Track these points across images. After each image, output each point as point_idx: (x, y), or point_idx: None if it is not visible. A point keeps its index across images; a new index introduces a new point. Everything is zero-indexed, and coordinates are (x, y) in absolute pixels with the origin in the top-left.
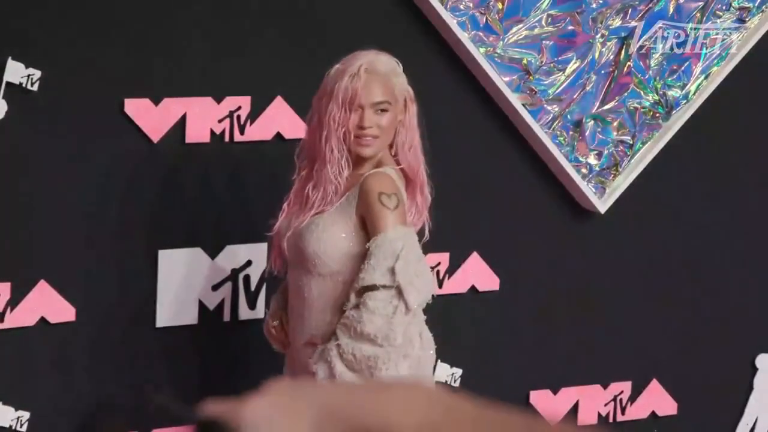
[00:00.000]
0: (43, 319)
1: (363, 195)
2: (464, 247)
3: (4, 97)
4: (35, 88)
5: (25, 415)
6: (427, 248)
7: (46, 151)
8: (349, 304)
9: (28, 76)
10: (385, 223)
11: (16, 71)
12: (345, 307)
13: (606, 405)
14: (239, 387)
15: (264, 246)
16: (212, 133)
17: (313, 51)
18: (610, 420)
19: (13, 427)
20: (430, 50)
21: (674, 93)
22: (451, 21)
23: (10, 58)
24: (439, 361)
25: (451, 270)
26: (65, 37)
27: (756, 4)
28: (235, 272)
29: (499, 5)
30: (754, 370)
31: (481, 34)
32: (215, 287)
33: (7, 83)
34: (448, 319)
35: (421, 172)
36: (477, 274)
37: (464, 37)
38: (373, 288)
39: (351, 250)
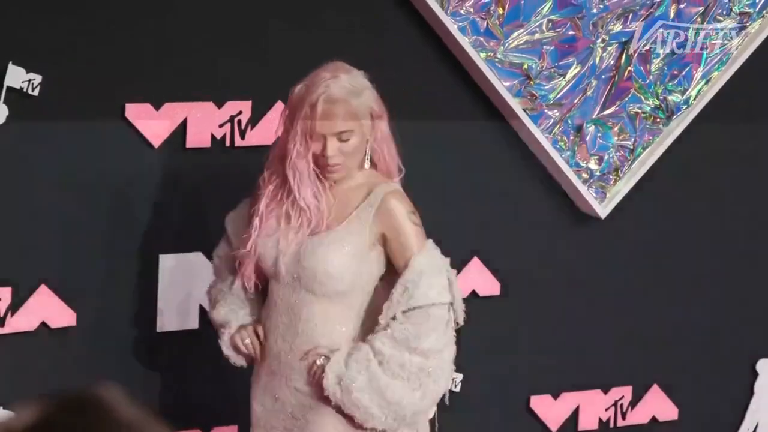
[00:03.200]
0: (43, 324)
1: (388, 214)
2: (465, 251)
3: (4, 102)
4: (36, 92)
5: None
6: None
7: (46, 156)
8: (389, 314)
9: (29, 80)
10: (420, 241)
11: (17, 76)
12: (386, 318)
13: (606, 410)
14: (239, 392)
15: None
16: (213, 137)
17: (314, 56)
18: (611, 425)
19: None
20: (431, 55)
21: (675, 98)
22: (452, 26)
23: (10, 62)
24: None
25: None
26: (66, 42)
27: (757, 9)
28: None
29: (500, 10)
30: (755, 375)
31: (481, 39)
32: None
33: (8, 88)
34: None
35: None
36: (478, 279)
37: (465, 42)
38: (430, 305)
39: (360, 268)
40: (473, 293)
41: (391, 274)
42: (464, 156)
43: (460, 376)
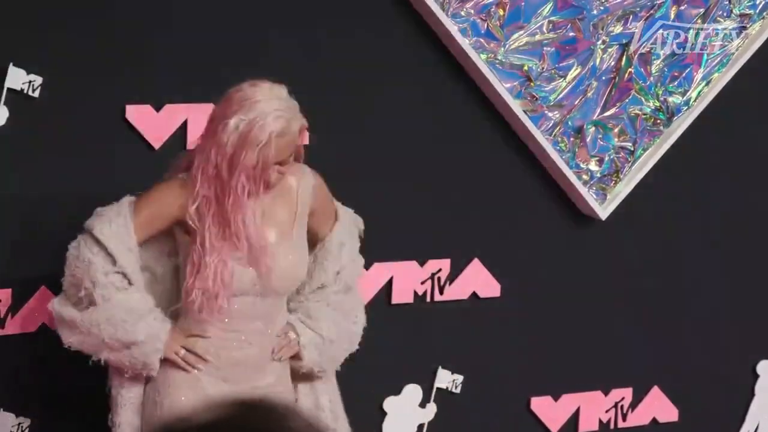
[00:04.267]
0: (44, 325)
1: (319, 189)
2: (465, 253)
3: (5, 104)
4: (36, 94)
5: (26, 421)
6: (428, 254)
7: (47, 158)
8: (334, 269)
9: (30, 82)
10: (336, 206)
11: (18, 77)
12: (328, 276)
13: (607, 411)
14: None
15: None
16: None
17: (315, 57)
18: (611, 426)
19: None
20: (431, 57)
21: (675, 99)
22: (453, 27)
23: (11, 64)
24: (440, 367)
25: (453, 276)
26: (66, 44)
27: (757, 11)
28: None
29: (500, 12)
30: (756, 376)
31: (482, 40)
32: None
33: (9, 89)
34: (450, 326)
35: None
36: (478, 281)
37: (465, 43)
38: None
39: None
40: (473, 294)
41: None
42: (464, 157)
43: (460, 378)
